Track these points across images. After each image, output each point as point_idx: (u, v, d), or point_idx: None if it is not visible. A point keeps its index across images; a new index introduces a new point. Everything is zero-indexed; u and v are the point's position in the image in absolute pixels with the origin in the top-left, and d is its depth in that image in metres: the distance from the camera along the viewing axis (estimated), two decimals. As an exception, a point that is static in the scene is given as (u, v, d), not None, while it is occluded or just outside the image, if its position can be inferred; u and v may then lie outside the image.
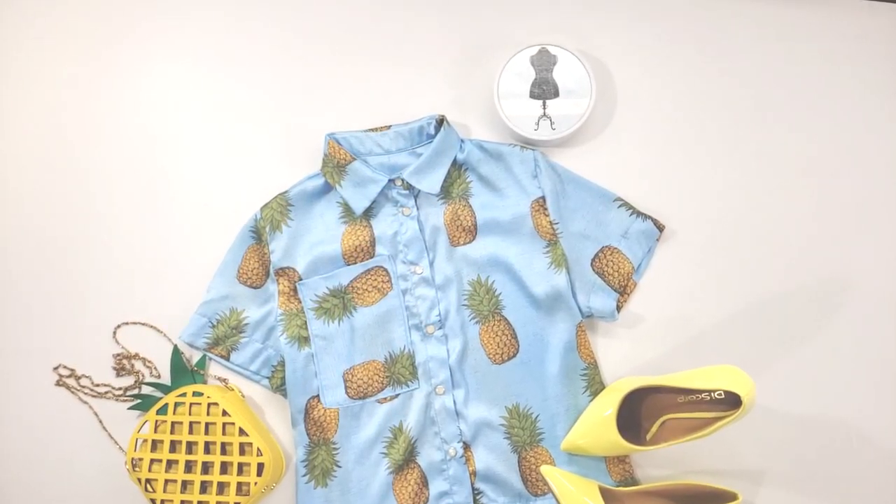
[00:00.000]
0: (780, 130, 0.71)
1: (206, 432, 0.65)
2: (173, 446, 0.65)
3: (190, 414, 0.65)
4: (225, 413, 0.64)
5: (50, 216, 0.73)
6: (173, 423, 0.65)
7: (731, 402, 0.62)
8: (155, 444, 0.65)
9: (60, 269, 0.72)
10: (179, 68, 0.75)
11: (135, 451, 0.65)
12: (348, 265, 0.67)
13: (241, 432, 0.64)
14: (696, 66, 0.72)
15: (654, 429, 0.64)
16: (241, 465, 0.64)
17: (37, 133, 0.74)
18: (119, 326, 0.70)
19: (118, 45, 0.75)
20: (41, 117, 0.75)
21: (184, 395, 0.65)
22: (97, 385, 0.70)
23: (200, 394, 0.65)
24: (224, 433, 0.65)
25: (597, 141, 0.71)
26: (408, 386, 0.65)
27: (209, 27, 0.75)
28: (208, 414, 0.65)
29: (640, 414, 0.64)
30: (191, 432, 0.65)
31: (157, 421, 0.65)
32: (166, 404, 0.65)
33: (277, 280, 0.67)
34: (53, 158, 0.74)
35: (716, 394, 0.61)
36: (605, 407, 0.62)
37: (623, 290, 0.67)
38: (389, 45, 0.73)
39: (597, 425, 0.61)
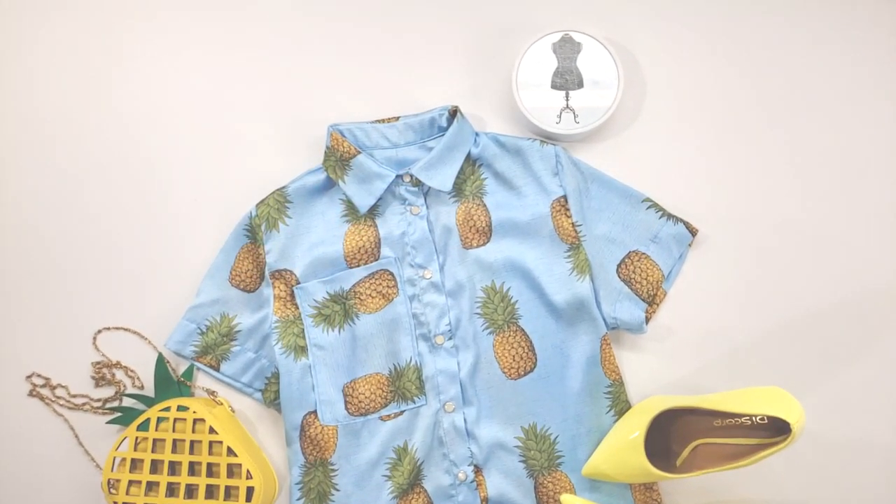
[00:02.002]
0: (824, 127, 0.67)
1: (191, 451, 0.61)
2: (154, 466, 0.61)
3: (173, 431, 0.61)
4: (212, 430, 0.60)
5: (25, 211, 0.70)
6: (155, 441, 0.61)
7: (775, 427, 0.57)
8: (134, 464, 0.61)
9: (36, 268, 0.69)
10: (167, 49, 0.71)
11: (112, 470, 0.61)
12: (351, 268, 0.64)
13: (230, 452, 0.60)
14: (730, 57, 0.68)
15: (684, 454, 0.60)
16: (228, 489, 0.60)
17: (11, 126, 0.70)
18: (99, 332, 0.67)
19: (106, 27, 0.71)
20: (15, 109, 0.71)
21: (167, 409, 0.61)
22: (74, 396, 0.66)
23: (186, 408, 0.61)
24: (210, 453, 0.61)
25: (624, 136, 0.67)
26: (414, 402, 0.62)
27: (203, 5, 0.71)
28: (194, 431, 0.61)
29: (669, 437, 0.60)
30: (174, 451, 0.61)
31: (136, 438, 0.61)
32: (148, 419, 0.61)
33: (273, 283, 0.64)
34: (30, 149, 0.70)
35: (758, 418, 0.56)
36: (632, 429, 0.58)
37: (652, 300, 0.63)
38: (398, 28, 0.70)
39: (622, 449, 0.58)
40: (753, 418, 0.56)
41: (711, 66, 0.68)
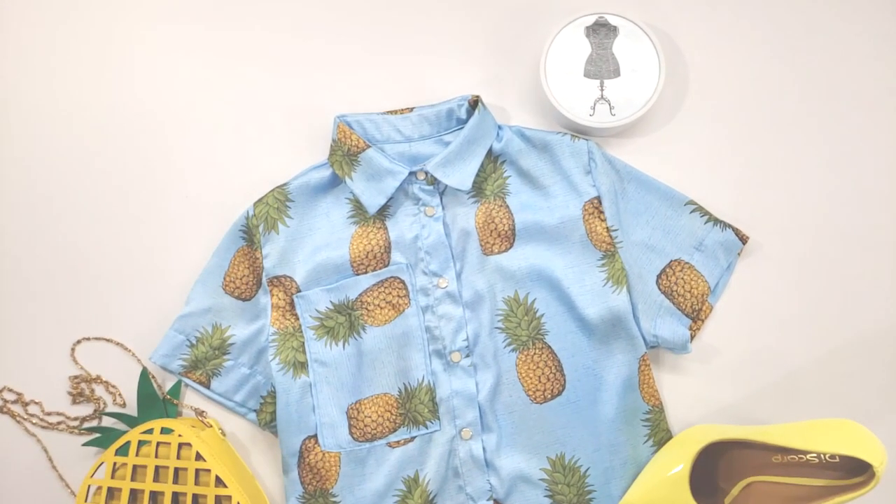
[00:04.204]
0: (886, 124, 0.61)
1: (175, 480, 0.56)
2: (133, 497, 0.57)
3: (156, 456, 0.57)
4: (199, 457, 0.56)
5: None
6: (135, 467, 0.57)
7: (847, 467, 0.51)
8: (111, 493, 0.57)
9: (7, 271, 0.64)
10: (156, 27, 0.66)
11: (86, 500, 0.57)
12: (357, 275, 0.60)
13: (218, 482, 0.55)
14: (783, 46, 0.63)
15: (734, 492, 0.55)
16: (215, 524, 0.56)
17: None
18: (78, 342, 0.63)
19: (95, 10, 0.67)
20: None
21: (150, 431, 0.57)
22: (48, 414, 0.62)
23: (170, 430, 0.57)
24: (197, 482, 0.56)
25: (665, 130, 0.63)
26: (426, 427, 0.58)
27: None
28: (178, 457, 0.56)
29: (716, 472, 0.56)
30: (156, 479, 0.56)
31: (115, 463, 0.57)
32: (128, 443, 0.57)
33: (271, 291, 0.60)
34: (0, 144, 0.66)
35: (828, 456, 0.51)
36: (674, 461, 0.53)
37: (696, 316, 0.59)
38: (413, 9, 0.65)
39: (662, 484, 0.53)
40: (822, 456, 0.51)
41: (763, 55, 0.63)
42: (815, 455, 0.51)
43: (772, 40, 0.63)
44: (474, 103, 0.60)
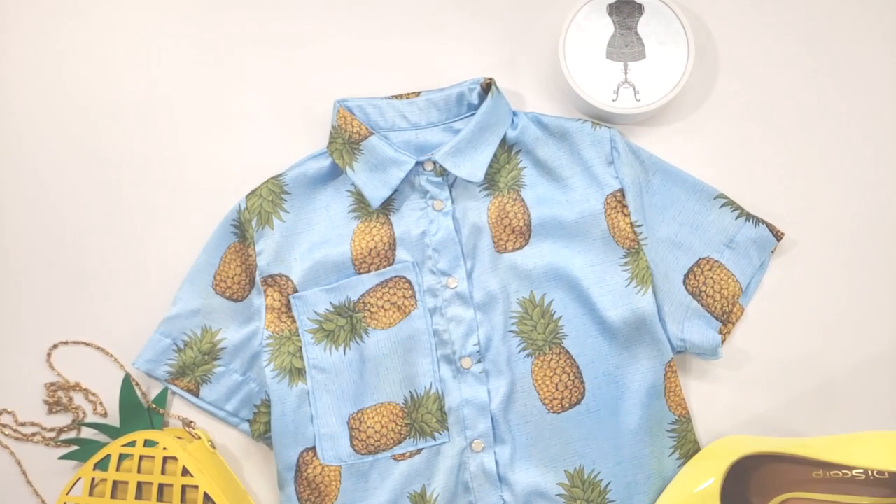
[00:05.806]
0: None
1: (160, 498, 0.54)
2: None
3: (139, 471, 0.54)
4: (186, 472, 0.53)
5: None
6: (115, 483, 0.54)
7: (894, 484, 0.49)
8: None
9: None
10: (143, 5, 0.63)
11: None
12: (359, 274, 0.58)
13: (207, 499, 0.53)
14: (822, 26, 0.60)
15: None
16: (204, 547, 0.54)
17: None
18: (55, 346, 0.61)
19: None
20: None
21: (132, 443, 0.54)
22: (22, 424, 0.60)
23: (154, 443, 0.54)
24: (183, 500, 0.54)
25: (693, 118, 0.60)
26: (434, 438, 0.56)
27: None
28: (163, 472, 0.54)
29: (748, 488, 0.53)
30: (138, 496, 0.54)
31: (93, 479, 0.54)
32: (108, 456, 0.54)
33: (265, 291, 0.58)
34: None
35: (875, 472, 0.49)
36: (703, 475, 0.51)
37: (726, 318, 0.57)
38: None
39: (690, 501, 0.51)
40: (870, 472, 0.48)
41: (800, 37, 0.60)
42: (861, 471, 0.49)
43: (809, 21, 0.60)
44: (487, 87, 0.58)
